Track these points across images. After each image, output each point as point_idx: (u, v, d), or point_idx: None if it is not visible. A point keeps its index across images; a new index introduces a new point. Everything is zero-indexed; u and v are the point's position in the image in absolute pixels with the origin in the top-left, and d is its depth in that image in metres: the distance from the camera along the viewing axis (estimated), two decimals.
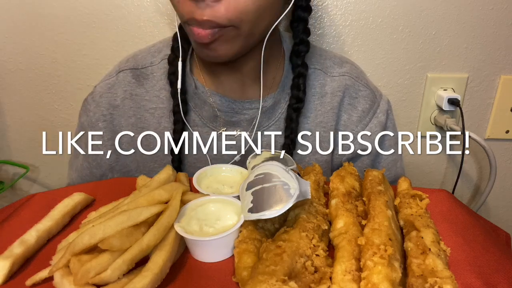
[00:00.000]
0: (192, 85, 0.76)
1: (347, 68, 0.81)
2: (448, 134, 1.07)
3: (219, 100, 0.76)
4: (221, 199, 0.52)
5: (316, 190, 0.56)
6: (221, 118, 0.76)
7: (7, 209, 0.57)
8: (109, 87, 0.78)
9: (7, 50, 0.95)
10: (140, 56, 0.80)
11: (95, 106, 0.77)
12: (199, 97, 0.76)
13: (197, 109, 0.77)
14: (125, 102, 0.77)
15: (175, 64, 0.74)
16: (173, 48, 0.76)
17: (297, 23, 0.75)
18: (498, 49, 0.99)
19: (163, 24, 0.94)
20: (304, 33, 0.75)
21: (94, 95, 0.78)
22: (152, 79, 0.78)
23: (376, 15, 0.94)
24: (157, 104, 0.78)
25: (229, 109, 0.76)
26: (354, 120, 0.80)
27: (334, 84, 0.79)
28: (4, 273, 0.43)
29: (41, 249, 0.49)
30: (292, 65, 0.77)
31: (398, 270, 0.40)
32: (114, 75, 0.78)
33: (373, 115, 0.80)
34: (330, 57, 0.82)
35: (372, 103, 0.80)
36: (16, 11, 0.92)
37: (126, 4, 0.92)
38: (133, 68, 0.78)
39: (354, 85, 0.80)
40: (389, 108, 0.82)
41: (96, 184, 0.64)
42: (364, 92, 0.80)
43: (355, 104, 0.80)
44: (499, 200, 1.17)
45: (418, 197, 0.52)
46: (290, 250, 0.42)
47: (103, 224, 0.42)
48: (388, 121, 0.81)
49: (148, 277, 0.40)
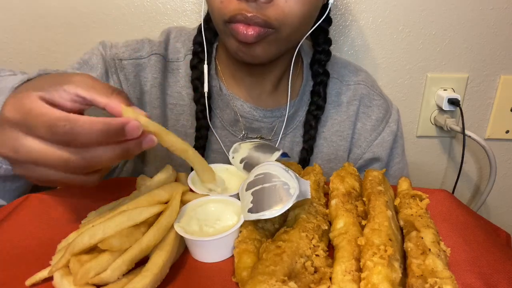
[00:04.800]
0: (217, 87, 0.75)
1: (362, 77, 0.83)
2: (448, 134, 1.07)
3: (241, 105, 0.76)
4: (221, 199, 0.52)
5: (316, 190, 0.56)
6: (242, 123, 0.76)
7: (4, 210, 0.57)
8: (140, 68, 0.75)
9: (7, 50, 0.95)
10: (171, 47, 0.78)
11: (128, 85, 0.74)
12: (222, 99, 0.76)
13: (219, 112, 0.77)
14: (153, 90, 0.76)
15: (199, 68, 0.74)
16: (196, 52, 0.75)
17: (318, 33, 0.77)
18: (498, 49, 0.99)
19: (163, 24, 0.94)
20: (325, 43, 0.77)
21: (127, 73, 0.73)
22: (177, 74, 0.77)
23: (376, 15, 0.94)
24: (178, 100, 0.77)
25: (250, 116, 0.76)
26: (368, 129, 0.81)
27: (349, 93, 0.81)
28: None
29: (41, 249, 0.49)
30: (313, 72, 0.79)
31: (398, 271, 0.40)
32: (145, 55, 0.75)
33: (386, 124, 0.82)
34: (345, 65, 0.84)
35: (386, 112, 0.82)
36: (16, 11, 0.92)
37: (126, 4, 0.92)
38: (164, 56, 0.77)
39: (369, 94, 0.82)
40: (399, 117, 0.84)
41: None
42: (378, 101, 0.82)
43: (369, 113, 0.82)
44: (499, 200, 1.17)
45: (418, 197, 0.52)
46: (290, 250, 0.42)
47: (103, 224, 0.42)
48: (398, 130, 0.83)
49: (148, 277, 0.40)
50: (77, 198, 0.58)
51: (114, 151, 0.41)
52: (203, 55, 0.73)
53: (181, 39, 0.78)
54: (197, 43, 0.74)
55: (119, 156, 0.42)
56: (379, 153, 0.81)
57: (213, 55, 0.76)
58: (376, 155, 0.81)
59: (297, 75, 0.79)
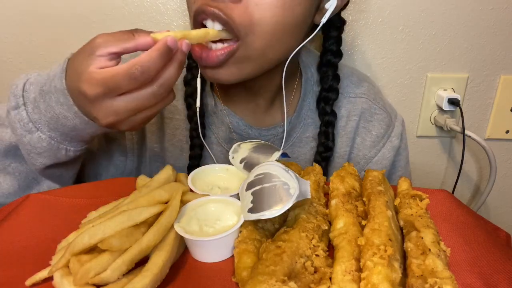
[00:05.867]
0: (212, 103, 0.73)
1: (364, 89, 0.78)
2: (448, 134, 1.07)
3: (236, 122, 0.74)
4: (221, 199, 0.52)
5: (316, 190, 0.55)
6: (237, 141, 0.75)
7: (4, 210, 0.57)
8: None
9: (7, 50, 0.95)
10: None
11: None
12: (217, 115, 0.74)
13: (214, 128, 0.75)
14: None
15: (193, 85, 0.71)
16: (190, 67, 0.72)
17: (326, 68, 0.72)
18: (498, 49, 0.99)
19: (163, 24, 0.94)
20: (334, 79, 0.72)
21: None
22: (173, 88, 0.76)
23: (376, 15, 0.94)
24: (173, 114, 0.76)
25: (245, 134, 0.74)
26: (367, 145, 0.78)
27: (349, 106, 0.76)
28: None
29: (41, 249, 0.49)
30: (319, 111, 0.74)
31: (398, 271, 0.40)
32: None
33: (387, 140, 0.77)
34: (348, 75, 0.78)
35: (387, 127, 0.77)
36: (16, 11, 0.92)
37: (126, 4, 0.92)
38: None
39: (371, 108, 0.77)
40: (403, 129, 0.80)
41: (96, 184, 0.64)
42: (380, 116, 0.77)
43: (369, 128, 0.77)
44: (499, 200, 1.17)
45: (418, 197, 0.52)
46: (290, 250, 0.42)
47: (103, 224, 0.42)
48: (401, 143, 0.79)
49: (148, 277, 0.40)
50: (77, 198, 0.58)
51: (175, 66, 0.49)
52: (196, 71, 0.70)
53: None
54: (191, 58, 0.72)
55: (180, 67, 0.49)
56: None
57: None
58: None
59: (294, 90, 0.75)
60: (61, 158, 0.59)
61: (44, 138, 0.56)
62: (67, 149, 0.58)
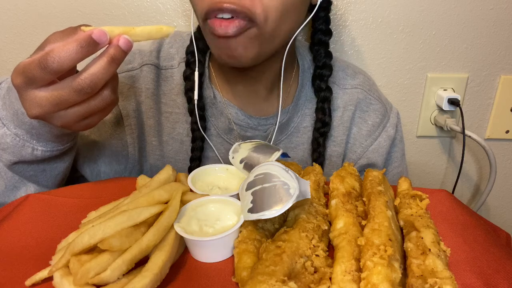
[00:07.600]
0: (211, 95, 0.74)
1: (359, 80, 0.80)
2: (448, 134, 1.07)
3: (235, 113, 0.75)
4: (221, 199, 0.52)
5: (316, 190, 0.56)
6: (236, 131, 0.75)
7: (4, 210, 0.57)
8: (134, 80, 0.74)
9: (7, 50, 0.95)
10: (164, 54, 0.76)
11: (123, 99, 0.74)
12: (216, 107, 0.75)
13: (214, 119, 0.76)
14: (147, 101, 0.76)
15: (192, 79, 0.72)
16: (189, 62, 0.73)
17: (318, 47, 0.75)
18: (498, 49, 0.99)
19: (163, 24, 0.94)
20: (326, 56, 0.75)
21: (119, 87, 0.73)
22: (171, 82, 0.76)
23: (376, 15, 0.94)
24: (173, 108, 0.76)
25: (244, 123, 0.75)
26: (363, 134, 0.79)
27: (345, 97, 0.79)
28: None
29: (41, 249, 0.49)
30: (315, 88, 0.77)
31: (398, 271, 0.40)
32: (137, 66, 0.75)
33: (382, 129, 0.79)
34: (343, 68, 0.81)
35: (383, 117, 0.80)
36: (16, 11, 0.92)
37: (126, 4, 0.92)
38: (157, 65, 0.76)
39: (366, 98, 0.79)
40: (398, 121, 0.82)
41: (96, 184, 0.64)
42: (376, 106, 0.80)
43: (365, 118, 0.79)
44: (499, 200, 1.17)
45: (418, 197, 0.52)
46: (289, 250, 0.42)
47: (103, 224, 0.42)
48: (396, 134, 0.81)
49: (148, 277, 0.40)
50: (77, 198, 0.58)
51: (102, 61, 0.46)
52: (195, 65, 0.72)
53: (176, 45, 0.77)
54: (190, 53, 0.73)
55: (109, 63, 0.47)
56: (374, 159, 0.80)
57: (206, 62, 0.74)
58: (371, 161, 0.80)
59: (292, 80, 0.77)
60: (27, 157, 0.59)
61: (8, 134, 0.57)
62: (33, 147, 0.58)
